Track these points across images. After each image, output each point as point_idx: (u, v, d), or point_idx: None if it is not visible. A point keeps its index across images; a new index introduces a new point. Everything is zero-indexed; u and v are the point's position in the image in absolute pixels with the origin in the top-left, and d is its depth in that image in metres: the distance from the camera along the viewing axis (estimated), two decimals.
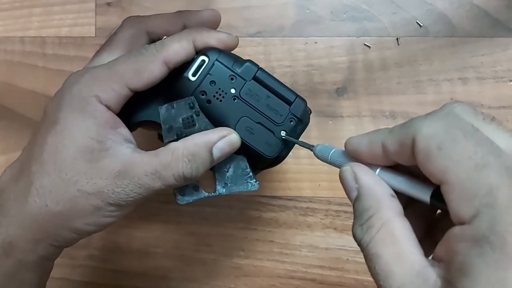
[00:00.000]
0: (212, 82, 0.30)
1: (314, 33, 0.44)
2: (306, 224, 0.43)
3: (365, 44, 0.43)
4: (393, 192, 0.22)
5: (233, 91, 0.30)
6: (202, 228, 0.44)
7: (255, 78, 0.31)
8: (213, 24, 0.34)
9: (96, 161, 0.28)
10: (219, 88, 0.30)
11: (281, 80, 0.32)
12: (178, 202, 0.31)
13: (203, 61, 0.30)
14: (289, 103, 0.31)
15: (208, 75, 0.30)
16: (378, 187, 0.22)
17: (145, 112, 0.31)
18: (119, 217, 0.29)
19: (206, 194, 0.32)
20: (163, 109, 0.30)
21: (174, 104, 0.30)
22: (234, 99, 0.30)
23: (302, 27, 0.44)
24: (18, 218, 0.28)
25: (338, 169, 0.24)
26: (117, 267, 0.44)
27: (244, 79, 0.30)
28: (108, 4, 0.45)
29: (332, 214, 0.42)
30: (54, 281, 0.43)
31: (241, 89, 0.30)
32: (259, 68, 0.31)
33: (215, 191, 0.32)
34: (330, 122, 0.43)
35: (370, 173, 0.23)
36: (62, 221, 0.28)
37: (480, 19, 0.43)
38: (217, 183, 0.32)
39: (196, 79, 0.30)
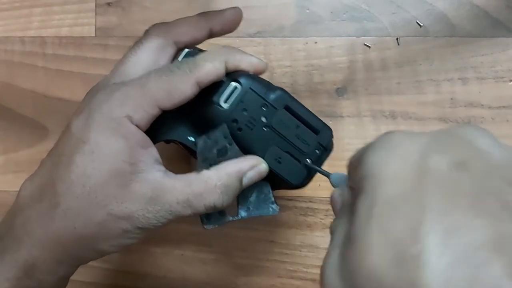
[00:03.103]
0: (244, 110, 0.30)
1: (314, 33, 0.44)
2: (306, 224, 0.43)
3: (365, 44, 0.43)
4: None
5: (263, 119, 0.30)
6: (202, 228, 0.44)
7: (286, 107, 0.30)
8: (236, 23, 0.33)
9: (127, 185, 0.27)
10: (251, 117, 0.30)
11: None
12: (205, 227, 0.32)
13: (236, 88, 0.29)
14: (316, 132, 0.31)
15: (240, 103, 0.29)
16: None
17: (171, 132, 0.31)
18: (142, 238, 0.29)
19: (231, 218, 0.32)
20: (200, 141, 0.30)
21: (211, 136, 0.30)
22: (265, 127, 0.30)
23: (302, 27, 0.44)
24: (42, 239, 0.27)
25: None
26: (117, 267, 0.44)
27: (276, 108, 0.30)
28: (108, 4, 0.45)
29: (332, 214, 0.42)
30: None
31: (272, 118, 0.30)
32: (291, 97, 0.31)
33: (237, 215, 0.32)
34: (330, 122, 0.43)
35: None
36: (88, 243, 0.28)
37: (480, 19, 0.43)
38: (239, 207, 0.32)
39: (229, 106, 0.29)
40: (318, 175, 0.44)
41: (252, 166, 0.30)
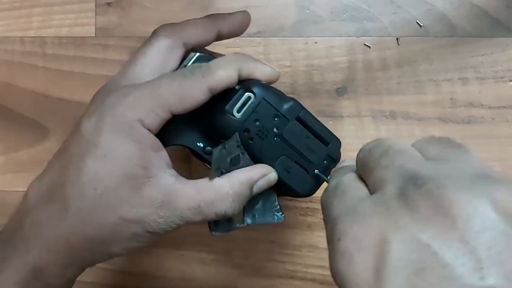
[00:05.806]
0: (256, 120, 0.30)
1: (314, 33, 0.44)
2: (306, 224, 0.43)
3: (365, 44, 0.43)
4: None
5: (275, 130, 0.30)
6: (202, 228, 0.43)
7: (297, 119, 0.30)
8: (244, 26, 0.33)
9: (139, 189, 0.27)
10: (263, 127, 0.30)
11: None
12: (212, 234, 0.32)
13: (249, 97, 0.29)
14: (326, 143, 0.31)
15: (253, 113, 0.29)
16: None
17: (182, 137, 0.31)
18: (151, 242, 0.29)
19: (237, 225, 0.32)
20: (216, 151, 0.30)
21: (226, 145, 0.30)
22: (276, 138, 0.30)
23: (302, 27, 0.44)
24: (51, 242, 0.27)
25: None
26: (117, 267, 0.44)
27: (287, 119, 0.30)
28: (108, 4, 0.45)
29: None
30: None
31: (284, 129, 0.30)
32: (303, 108, 0.31)
33: (243, 222, 0.32)
34: (330, 122, 0.43)
35: None
36: (98, 247, 0.28)
37: (480, 19, 0.43)
38: (245, 214, 0.32)
39: (241, 116, 0.29)
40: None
41: (262, 175, 0.30)
